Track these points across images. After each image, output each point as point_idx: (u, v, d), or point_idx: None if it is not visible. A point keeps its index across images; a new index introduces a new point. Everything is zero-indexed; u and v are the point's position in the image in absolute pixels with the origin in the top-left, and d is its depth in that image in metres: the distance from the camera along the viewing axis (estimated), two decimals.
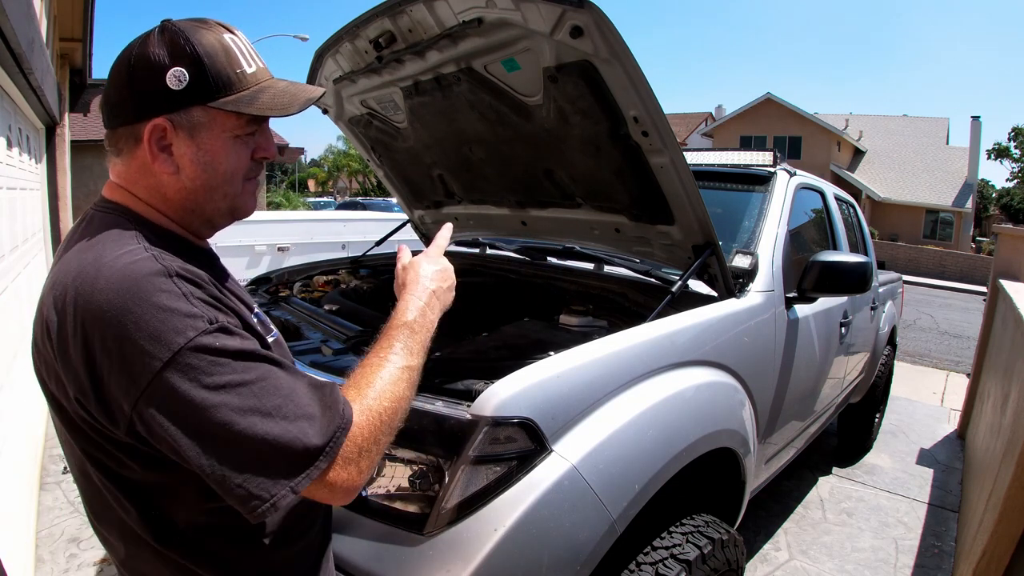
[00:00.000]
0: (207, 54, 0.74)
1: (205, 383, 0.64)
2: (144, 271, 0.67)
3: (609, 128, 1.62)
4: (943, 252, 20.06)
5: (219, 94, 0.75)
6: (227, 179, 0.79)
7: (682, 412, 1.42)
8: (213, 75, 0.75)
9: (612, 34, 1.36)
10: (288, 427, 0.67)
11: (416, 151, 2.38)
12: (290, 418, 0.68)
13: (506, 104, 1.80)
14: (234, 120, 0.77)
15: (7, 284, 2.88)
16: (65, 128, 5.68)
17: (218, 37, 0.77)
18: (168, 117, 0.74)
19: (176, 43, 0.74)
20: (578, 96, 1.60)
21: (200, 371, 0.64)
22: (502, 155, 2.09)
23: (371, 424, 0.75)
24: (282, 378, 0.70)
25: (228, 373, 0.66)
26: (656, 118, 1.51)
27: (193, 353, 0.64)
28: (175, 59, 0.73)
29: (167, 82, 0.73)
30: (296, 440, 0.67)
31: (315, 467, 0.68)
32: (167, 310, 0.65)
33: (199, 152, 0.76)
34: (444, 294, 1.01)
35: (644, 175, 1.69)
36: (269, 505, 0.66)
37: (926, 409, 4.92)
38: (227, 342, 0.67)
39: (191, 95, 0.74)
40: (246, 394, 0.66)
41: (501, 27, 1.54)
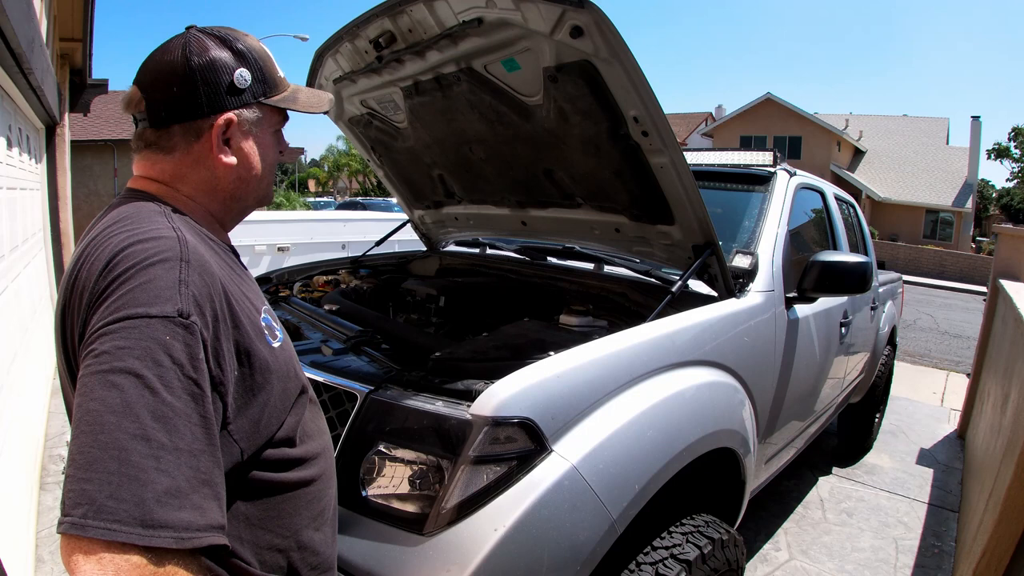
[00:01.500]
0: (261, 58, 0.85)
1: (138, 359, 0.62)
2: (164, 247, 0.70)
3: (609, 128, 1.62)
4: (943, 252, 20.06)
5: (272, 93, 0.86)
6: (270, 168, 0.90)
7: (682, 412, 1.42)
8: (268, 76, 0.85)
9: (612, 34, 1.36)
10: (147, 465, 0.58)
11: (416, 151, 2.38)
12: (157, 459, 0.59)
13: (506, 104, 1.80)
14: (278, 116, 0.89)
15: (7, 284, 2.88)
16: (65, 128, 5.68)
17: (258, 44, 0.86)
18: (236, 112, 0.82)
19: (234, 48, 0.82)
20: (578, 96, 1.59)
21: (140, 350, 0.62)
22: (502, 155, 2.09)
23: None
24: (189, 416, 0.63)
25: (155, 369, 0.62)
26: (656, 118, 1.51)
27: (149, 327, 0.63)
28: (239, 61, 0.82)
29: (235, 81, 0.81)
30: (143, 483, 0.57)
31: (129, 532, 0.56)
32: (162, 284, 0.66)
33: (255, 145, 0.86)
34: None
35: (644, 175, 1.69)
36: (69, 525, 0.56)
37: (926, 409, 4.92)
38: (181, 342, 0.64)
39: (253, 93, 0.83)
40: (149, 399, 0.61)
41: (501, 27, 1.54)
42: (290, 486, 0.84)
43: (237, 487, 0.76)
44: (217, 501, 0.63)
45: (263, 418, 0.78)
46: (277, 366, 0.81)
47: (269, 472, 0.81)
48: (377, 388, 1.27)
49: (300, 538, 0.85)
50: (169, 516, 0.58)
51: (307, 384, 0.91)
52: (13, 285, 3.09)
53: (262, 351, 0.78)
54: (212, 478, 0.63)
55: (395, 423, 1.20)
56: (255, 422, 0.77)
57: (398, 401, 1.22)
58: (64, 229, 5.59)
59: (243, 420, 0.74)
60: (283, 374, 0.82)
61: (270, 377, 0.79)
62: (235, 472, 0.75)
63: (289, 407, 0.84)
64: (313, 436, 0.90)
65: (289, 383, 0.84)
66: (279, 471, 0.82)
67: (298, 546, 0.84)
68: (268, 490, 0.81)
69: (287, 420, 0.83)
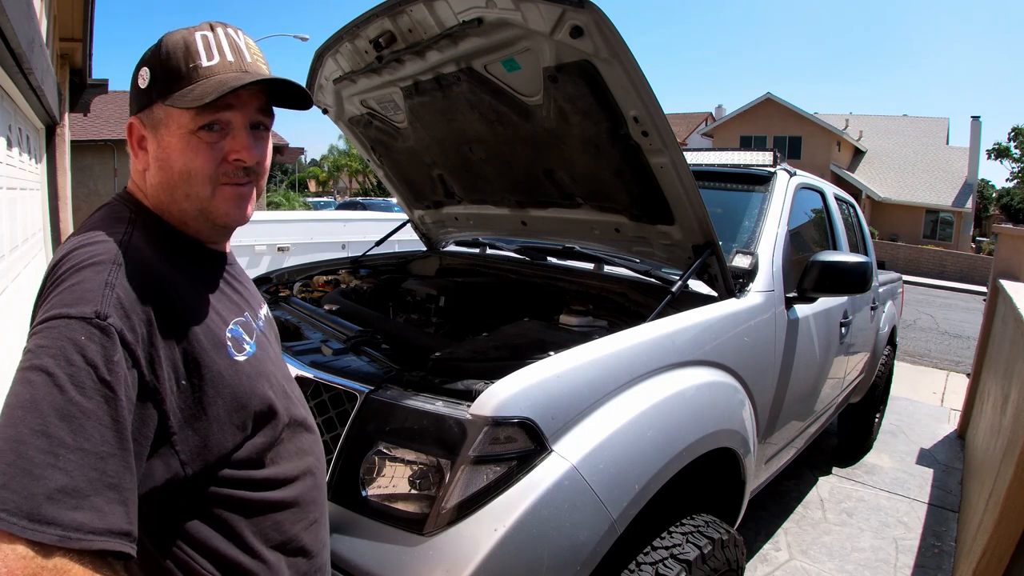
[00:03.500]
0: (167, 52, 0.75)
1: (51, 357, 0.61)
2: (101, 251, 0.70)
3: (609, 128, 1.62)
4: (943, 252, 20.06)
5: (173, 90, 0.74)
6: (184, 178, 0.76)
7: (682, 412, 1.42)
8: (167, 71, 0.75)
9: (612, 34, 1.36)
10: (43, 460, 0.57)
11: (416, 151, 2.38)
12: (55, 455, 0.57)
13: (506, 104, 1.80)
14: (185, 116, 0.74)
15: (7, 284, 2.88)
16: (65, 128, 5.68)
17: (186, 34, 0.76)
18: (138, 116, 0.77)
19: (154, 45, 0.76)
20: (578, 96, 1.59)
21: (54, 348, 0.61)
22: (502, 155, 2.09)
23: None
24: (99, 418, 0.60)
25: (66, 368, 0.61)
26: (656, 118, 1.51)
27: (67, 326, 0.63)
28: (146, 60, 0.76)
29: (138, 82, 0.76)
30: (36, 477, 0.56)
31: (11, 522, 0.54)
32: (87, 286, 0.66)
33: (159, 149, 0.76)
34: None
35: (644, 175, 1.69)
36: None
37: (926, 409, 4.92)
38: (97, 343, 0.62)
39: (151, 93, 0.75)
40: (56, 397, 0.59)
41: (501, 27, 1.54)
42: (262, 506, 0.80)
43: (195, 502, 0.74)
44: (124, 507, 0.60)
45: (212, 435, 0.73)
46: (235, 380, 0.76)
47: (231, 489, 0.77)
48: (377, 388, 1.27)
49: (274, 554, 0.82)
50: (60, 514, 0.56)
51: (289, 410, 0.86)
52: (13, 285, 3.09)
53: (216, 363, 0.74)
54: (120, 483, 0.61)
55: (395, 423, 1.21)
56: (203, 438, 0.72)
57: (398, 401, 1.22)
58: (64, 229, 5.59)
59: (190, 434, 0.71)
60: (243, 390, 0.77)
61: (223, 391, 0.74)
62: (186, 486, 0.72)
63: (249, 426, 0.78)
64: (289, 459, 0.84)
65: (251, 400, 0.78)
66: (244, 490, 0.78)
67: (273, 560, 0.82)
68: (236, 507, 0.78)
69: (252, 441, 0.78)
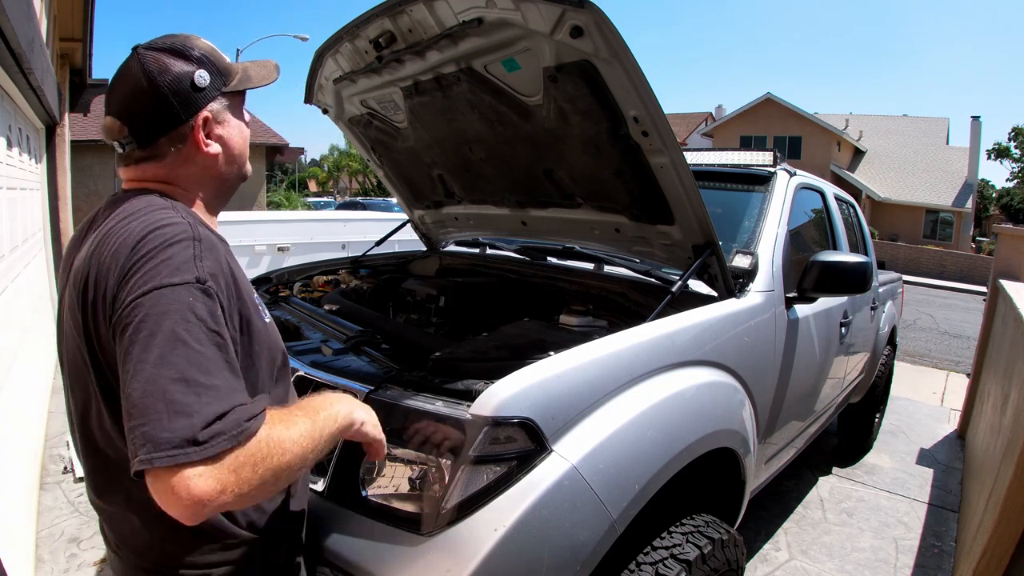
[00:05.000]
0: (209, 54, 0.93)
1: (169, 319, 0.72)
2: (179, 230, 0.80)
3: (609, 128, 1.62)
4: (943, 252, 20.05)
5: (229, 80, 0.95)
6: (246, 142, 1.01)
7: (682, 412, 1.42)
8: (220, 68, 0.94)
9: (612, 34, 1.36)
10: (190, 400, 0.69)
11: (416, 151, 2.38)
12: (198, 395, 0.70)
13: (506, 104, 1.80)
14: (240, 97, 0.98)
15: (7, 284, 2.88)
16: (65, 128, 5.68)
17: (203, 41, 0.95)
18: (208, 109, 0.92)
19: (185, 54, 0.90)
20: (578, 96, 1.59)
21: (170, 312, 0.73)
22: (502, 155, 2.09)
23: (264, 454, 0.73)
24: (218, 361, 0.74)
25: (184, 325, 0.73)
26: (656, 118, 1.51)
27: (174, 292, 0.74)
28: (194, 64, 0.90)
29: (196, 83, 0.90)
30: (189, 415, 0.68)
31: (184, 452, 0.67)
32: (180, 259, 0.77)
33: (229, 128, 0.96)
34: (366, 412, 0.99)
35: (644, 175, 1.69)
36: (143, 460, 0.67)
37: (926, 409, 4.92)
38: (202, 303, 0.75)
39: (215, 87, 0.93)
40: (182, 350, 0.72)
41: (501, 27, 1.54)
42: None
43: None
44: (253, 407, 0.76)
45: (258, 383, 0.90)
46: (268, 339, 0.93)
47: None
48: (377, 388, 1.27)
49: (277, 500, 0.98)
50: (216, 429, 0.69)
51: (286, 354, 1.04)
52: (13, 285, 3.09)
53: (257, 323, 0.89)
54: (246, 400, 0.75)
55: (395, 423, 1.21)
56: (253, 385, 0.87)
57: (398, 401, 1.22)
58: (64, 229, 5.58)
59: (245, 383, 0.81)
60: (274, 345, 0.95)
61: (263, 348, 0.91)
62: None
63: (275, 377, 0.96)
64: (291, 398, 1.02)
65: (278, 355, 0.97)
66: None
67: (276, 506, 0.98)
68: None
69: (274, 391, 0.95)
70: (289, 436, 0.77)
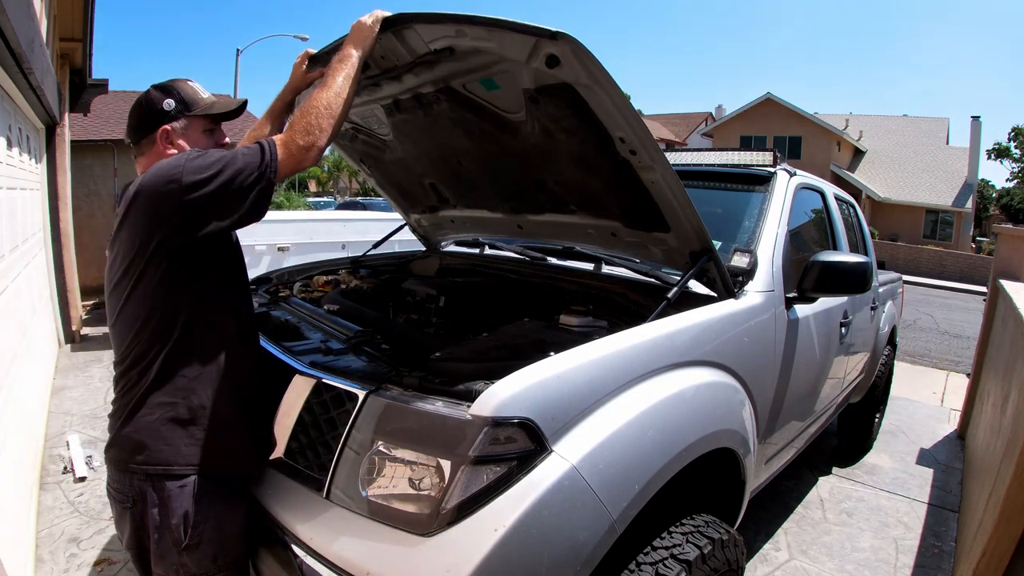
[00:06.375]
0: (180, 89, 1.38)
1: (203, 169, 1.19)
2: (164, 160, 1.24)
3: (597, 145, 1.59)
4: (943, 252, 20.05)
5: (192, 109, 1.38)
6: None
7: (682, 412, 1.42)
8: (186, 98, 1.38)
9: (591, 61, 1.32)
10: (242, 160, 1.22)
11: (406, 162, 2.36)
12: (240, 159, 1.22)
13: (489, 121, 1.76)
14: (203, 122, 1.40)
15: (7, 284, 2.88)
16: (65, 128, 5.67)
17: (185, 83, 1.41)
18: (169, 124, 1.35)
19: (164, 88, 1.38)
20: (561, 116, 1.57)
21: (198, 168, 1.18)
22: (491, 167, 2.07)
23: (307, 117, 1.28)
24: (238, 156, 1.23)
25: (206, 159, 1.20)
26: (643, 139, 1.48)
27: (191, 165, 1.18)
28: (166, 95, 1.36)
29: (163, 107, 1.35)
30: (250, 162, 1.22)
31: (269, 165, 1.23)
32: (174, 163, 1.19)
33: (187, 141, 1.37)
34: (356, 39, 1.44)
35: (636, 187, 1.66)
36: (270, 168, 1.23)
37: (926, 409, 4.92)
38: (201, 157, 1.21)
39: (177, 111, 1.36)
40: (219, 163, 1.20)
41: (475, 53, 1.50)
42: None
43: None
44: None
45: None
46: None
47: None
48: (377, 388, 1.27)
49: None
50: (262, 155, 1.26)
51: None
52: (13, 285, 3.09)
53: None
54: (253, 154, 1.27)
55: (395, 423, 1.21)
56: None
57: (398, 401, 1.22)
58: (64, 229, 5.58)
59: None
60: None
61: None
62: None
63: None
64: None
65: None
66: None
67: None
68: None
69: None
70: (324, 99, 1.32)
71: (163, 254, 1.19)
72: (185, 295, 1.24)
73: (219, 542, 1.29)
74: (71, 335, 5.65)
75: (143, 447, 1.24)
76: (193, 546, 1.26)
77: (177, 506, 1.24)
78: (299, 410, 1.40)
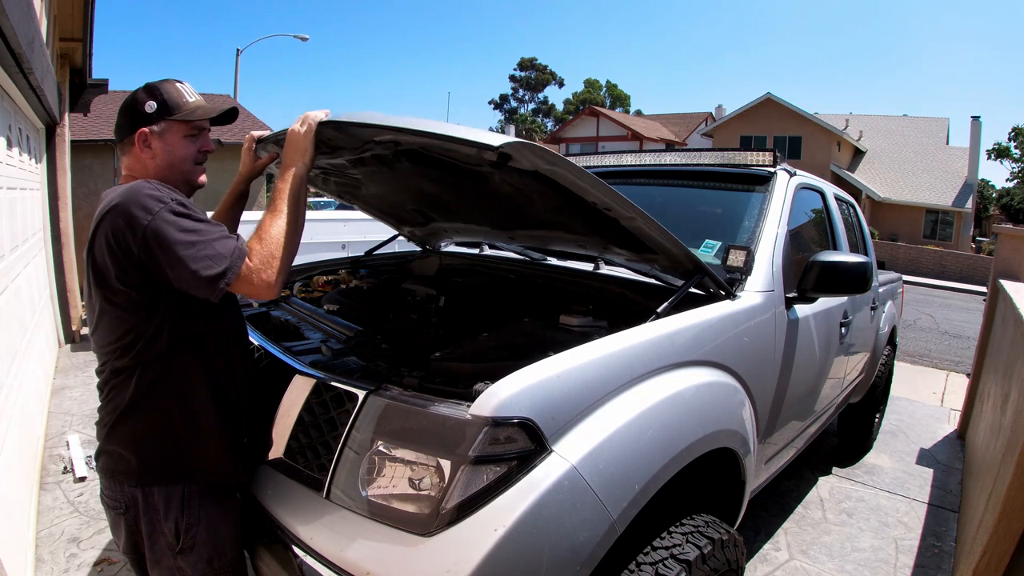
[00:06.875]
0: (165, 92, 1.34)
1: (176, 227, 1.16)
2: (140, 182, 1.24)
3: (571, 198, 1.50)
4: (943, 252, 20.04)
5: (173, 113, 1.34)
6: (181, 160, 1.37)
7: (682, 412, 1.42)
8: (168, 102, 1.34)
9: (543, 153, 1.24)
10: (214, 248, 1.17)
11: (382, 195, 2.31)
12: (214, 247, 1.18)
13: (454, 173, 1.62)
14: (184, 127, 1.35)
15: (7, 284, 2.88)
16: (65, 128, 5.67)
17: (172, 85, 1.36)
18: (147, 127, 1.32)
19: (150, 90, 1.34)
20: (526, 183, 1.49)
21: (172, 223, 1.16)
22: (469, 202, 2.03)
23: (266, 244, 1.23)
24: (212, 231, 1.20)
25: (182, 220, 1.18)
26: (616, 201, 1.41)
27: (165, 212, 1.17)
28: (149, 97, 1.33)
29: (145, 109, 1.32)
30: (220, 255, 1.17)
31: (231, 270, 1.17)
32: (153, 196, 1.18)
33: (164, 145, 1.34)
34: (293, 153, 1.37)
35: (618, 226, 1.60)
36: (225, 276, 1.16)
37: (926, 409, 4.92)
38: (183, 212, 1.19)
39: (158, 114, 1.33)
40: (193, 235, 1.16)
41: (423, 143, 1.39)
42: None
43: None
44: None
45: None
46: None
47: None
48: (377, 388, 1.27)
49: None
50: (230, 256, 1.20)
51: None
52: (13, 285, 3.09)
53: None
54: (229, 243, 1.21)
55: (395, 423, 1.21)
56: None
57: (398, 401, 1.22)
58: (64, 229, 5.58)
59: None
60: None
61: None
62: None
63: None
64: None
65: None
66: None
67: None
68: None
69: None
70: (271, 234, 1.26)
71: (135, 275, 1.17)
72: (161, 310, 1.22)
73: (213, 544, 1.30)
74: (71, 335, 5.65)
75: (130, 457, 1.25)
76: (187, 549, 1.27)
77: (168, 511, 1.26)
78: (299, 410, 1.40)
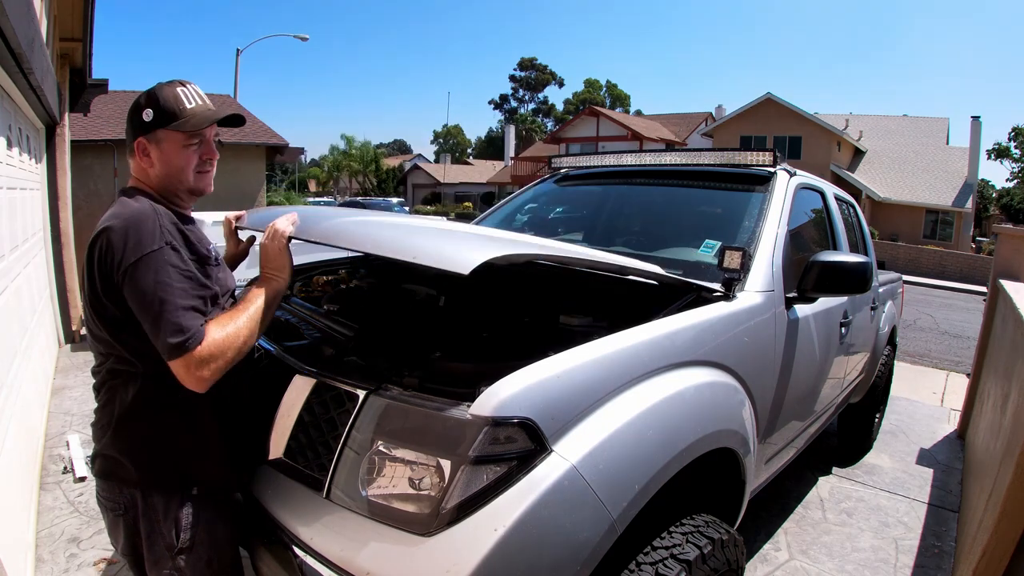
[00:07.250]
0: (163, 99, 1.28)
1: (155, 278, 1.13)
2: (144, 210, 1.21)
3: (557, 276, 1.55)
4: (943, 252, 20.04)
5: (170, 122, 1.27)
6: (179, 170, 1.32)
7: (682, 412, 1.42)
8: (166, 110, 1.27)
9: (515, 257, 1.30)
10: (180, 316, 1.13)
11: None
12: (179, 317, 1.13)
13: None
14: (182, 136, 1.29)
15: (7, 284, 2.88)
16: (65, 128, 5.67)
17: (173, 90, 1.29)
18: (144, 136, 1.29)
19: (151, 96, 1.28)
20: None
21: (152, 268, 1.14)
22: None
23: (218, 343, 1.16)
24: (187, 296, 1.16)
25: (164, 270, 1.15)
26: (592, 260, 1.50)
27: (152, 257, 1.15)
28: (148, 105, 1.28)
29: (143, 118, 1.28)
30: (181, 327, 1.12)
31: (185, 346, 1.12)
32: (148, 232, 1.16)
33: (162, 155, 1.30)
34: (270, 268, 1.36)
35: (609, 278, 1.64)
36: (178, 350, 1.11)
37: (926, 409, 4.92)
38: (170, 261, 1.17)
39: (155, 124, 1.28)
40: (168, 291, 1.13)
41: None
42: None
43: None
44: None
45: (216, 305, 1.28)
46: (220, 275, 1.34)
47: None
48: (377, 388, 1.27)
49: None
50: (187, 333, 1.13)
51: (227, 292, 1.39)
52: (13, 285, 3.09)
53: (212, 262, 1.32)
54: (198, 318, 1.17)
55: (395, 423, 1.21)
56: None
57: (398, 401, 1.22)
58: (64, 229, 5.58)
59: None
60: (224, 281, 1.37)
61: (218, 277, 1.31)
62: None
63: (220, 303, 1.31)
64: None
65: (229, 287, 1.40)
66: None
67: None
68: None
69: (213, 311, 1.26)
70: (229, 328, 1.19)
71: (119, 295, 1.16)
72: None
73: (212, 546, 1.31)
74: (71, 335, 5.65)
75: (128, 465, 1.25)
76: (186, 550, 1.27)
77: (168, 512, 1.26)
78: (299, 410, 1.40)
